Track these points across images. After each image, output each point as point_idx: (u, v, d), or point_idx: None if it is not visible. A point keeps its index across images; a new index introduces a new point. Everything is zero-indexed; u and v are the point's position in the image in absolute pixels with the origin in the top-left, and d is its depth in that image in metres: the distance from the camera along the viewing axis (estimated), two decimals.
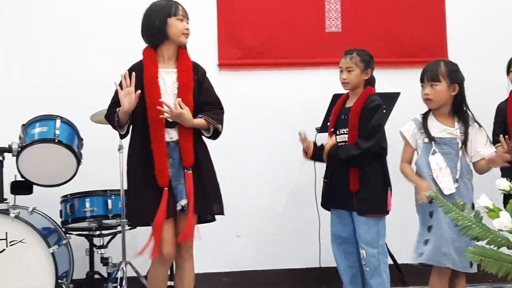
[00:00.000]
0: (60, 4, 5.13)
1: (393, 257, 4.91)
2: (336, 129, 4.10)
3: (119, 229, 4.54)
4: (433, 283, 3.70)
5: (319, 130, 4.76)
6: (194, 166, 3.56)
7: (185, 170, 3.54)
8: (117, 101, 3.55)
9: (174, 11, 3.58)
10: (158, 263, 3.59)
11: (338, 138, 4.06)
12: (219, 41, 5.23)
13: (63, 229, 4.54)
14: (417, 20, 5.40)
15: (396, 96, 4.78)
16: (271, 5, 5.28)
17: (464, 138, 3.69)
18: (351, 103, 4.10)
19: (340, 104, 4.16)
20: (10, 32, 5.07)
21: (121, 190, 4.42)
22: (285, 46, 5.28)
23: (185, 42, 3.63)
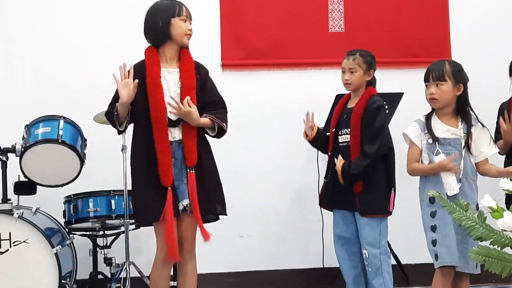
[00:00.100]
0: (63, 4, 5.13)
1: (396, 258, 4.90)
2: (338, 129, 4.10)
3: (123, 229, 4.54)
4: (436, 284, 3.69)
5: (322, 130, 4.75)
6: (197, 166, 3.56)
7: (188, 170, 3.54)
8: (116, 101, 3.56)
9: (178, 11, 3.58)
10: (161, 264, 3.58)
11: (341, 138, 4.06)
12: (222, 42, 5.24)
13: (67, 230, 4.55)
14: (420, 20, 5.39)
15: (399, 96, 4.77)
16: (274, 6, 5.28)
17: (467, 138, 3.68)
18: (353, 103, 4.10)
19: (342, 105, 4.16)
20: (12, 32, 5.07)
21: (125, 191, 4.42)
22: (288, 47, 5.28)
23: (187, 43, 3.63)
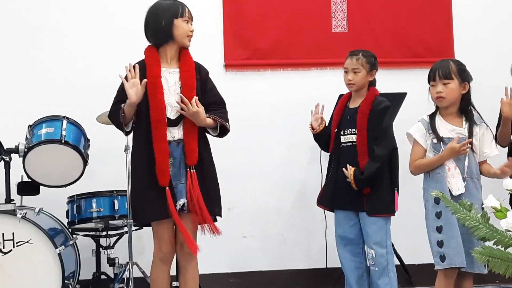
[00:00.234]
0: (65, 5, 5.13)
1: (399, 258, 4.90)
2: (340, 130, 4.09)
3: (126, 229, 4.54)
4: (439, 284, 3.68)
5: (326, 127, 4.75)
6: (197, 165, 3.56)
7: (188, 169, 3.54)
8: (120, 100, 3.57)
9: (181, 12, 3.58)
10: (159, 261, 3.61)
11: (344, 139, 4.06)
12: (225, 42, 5.24)
13: (70, 230, 4.55)
14: (423, 20, 5.39)
15: (402, 96, 4.77)
16: (277, 6, 5.28)
17: (470, 137, 3.67)
18: (355, 103, 4.10)
19: (342, 105, 4.16)
20: (14, 33, 5.07)
21: (128, 191, 4.42)
22: (291, 47, 5.28)
23: (188, 44, 3.64)
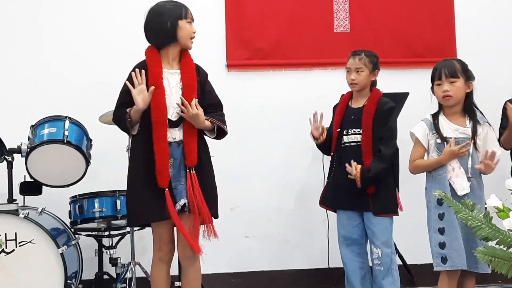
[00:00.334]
0: (68, 5, 5.14)
1: (402, 258, 4.90)
2: (343, 129, 4.09)
3: (128, 229, 4.55)
4: (442, 285, 3.68)
5: (327, 130, 4.75)
6: (196, 166, 3.57)
7: (188, 171, 3.55)
8: (124, 103, 3.56)
9: (184, 14, 3.60)
10: (158, 261, 3.62)
11: (348, 138, 4.06)
12: (227, 42, 5.24)
13: (72, 230, 4.55)
14: (426, 20, 5.38)
15: (405, 96, 4.77)
16: (279, 6, 5.28)
17: (474, 136, 3.66)
18: (358, 103, 4.10)
19: (344, 104, 4.15)
20: (17, 33, 5.08)
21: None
22: (293, 47, 5.28)
23: (191, 46, 3.65)
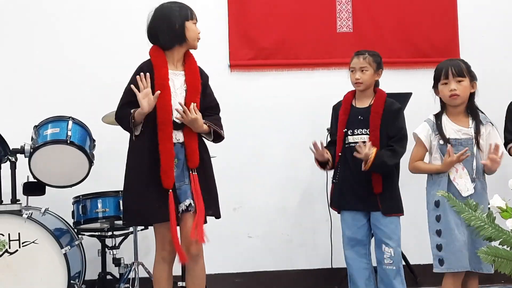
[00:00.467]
0: (72, 6, 5.14)
1: (405, 258, 4.89)
2: (348, 130, 4.08)
3: (131, 229, 4.55)
4: (447, 285, 3.67)
5: (330, 130, 4.75)
6: (198, 167, 3.58)
7: (190, 172, 3.56)
8: (127, 102, 3.56)
9: (190, 14, 3.61)
10: (161, 261, 3.63)
11: (353, 139, 4.05)
12: (230, 42, 5.23)
13: (75, 230, 4.55)
14: (428, 20, 5.37)
15: (408, 96, 4.77)
16: (282, 6, 5.27)
17: (477, 137, 3.65)
18: (363, 103, 4.10)
19: (348, 104, 4.14)
20: (20, 34, 5.08)
21: (123, 190, 4.41)
22: (296, 47, 5.28)
23: (197, 46, 3.66)
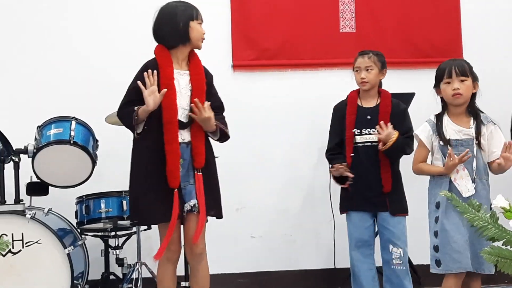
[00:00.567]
0: (75, 6, 5.15)
1: (408, 258, 4.88)
2: (356, 129, 4.08)
3: (134, 230, 4.56)
4: (448, 285, 3.67)
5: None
6: (204, 167, 3.59)
7: (195, 172, 3.56)
8: (130, 101, 3.56)
9: (195, 15, 3.61)
10: (166, 261, 3.62)
11: (361, 139, 4.06)
12: (233, 43, 5.24)
13: (79, 230, 4.56)
14: (431, 20, 5.37)
15: (411, 96, 4.77)
16: (285, 6, 5.27)
17: (478, 137, 3.64)
18: (369, 103, 4.11)
19: (355, 104, 4.14)
20: (24, 34, 5.09)
21: (129, 190, 4.41)
22: (299, 47, 5.28)
23: (201, 46, 3.67)
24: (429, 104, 3.91)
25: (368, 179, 4.01)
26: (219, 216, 3.69)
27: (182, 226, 3.64)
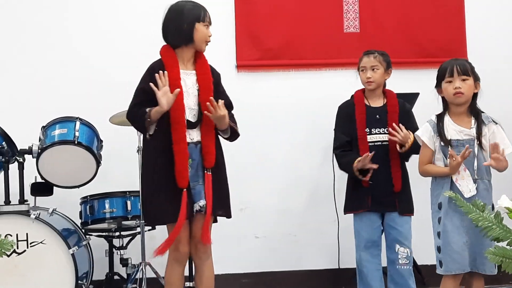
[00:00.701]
0: (78, 7, 5.15)
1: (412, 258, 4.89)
2: (366, 129, 4.09)
3: (138, 230, 4.55)
4: (447, 285, 3.66)
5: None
6: (213, 167, 3.58)
7: (205, 171, 3.56)
8: (139, 102, 3.55)
9: (203, 16, 3.60)
10: (174, 262, 3.61)
11: (370, 138, 4.05)
12: (237, 43, 5.24)
13: (83, 230, 4.57)
14: (436, 20, 5.37)
15: (415, 96, 4.76)
16: (289, 6, 5.27)
17: (480, 137, 3.63)
18: (375, 103, 4.12)
19: (363, 104, 4.13)
20: (27, 34, 5.10)
21: (140, 192, 4.43)
22: (303, 47, 5.28)
23: (204, 49, 3.65)
24: (433, 104, 3.90)
25: (378, 179, 4.00)
26: (228, 216, 3.68)
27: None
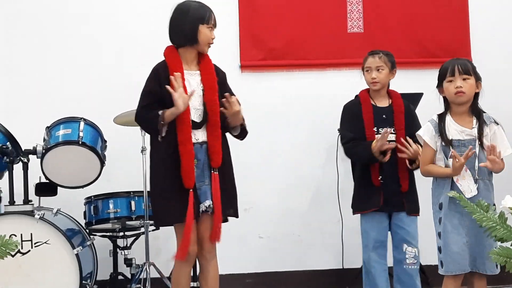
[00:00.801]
0: (81, 7, 5.16)
1: None
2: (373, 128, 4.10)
3: (143, 230, 4.56)
4: (447, 285, 3.66)
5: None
6: (220, 166, 3.58)
7: (211, 171, 3.56)
8: (148, 104, 3.54)
9: (207, 18, 3.58)
10: (182, 262, 3.60)
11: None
12: (241, 43, 5.24)
13: (87, 230, 4.58)
14: (439, 20, 5.36)
15: (419, 96, 4.76)
16: (292, 6, 5.28)
17: (481, 137, 3.62)
18: (381, 103, 4.12)
19: (369, 103, 4.12)
20: (31, 35, 5.11)
21: (144, 192, 4.44)
22: (306, 47, 5.28)
23: (207, 51, 3.64)
24: (437, 104, 3.90)
25: (386, 179, 4.00)
26: (235, 216, 3.69)
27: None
